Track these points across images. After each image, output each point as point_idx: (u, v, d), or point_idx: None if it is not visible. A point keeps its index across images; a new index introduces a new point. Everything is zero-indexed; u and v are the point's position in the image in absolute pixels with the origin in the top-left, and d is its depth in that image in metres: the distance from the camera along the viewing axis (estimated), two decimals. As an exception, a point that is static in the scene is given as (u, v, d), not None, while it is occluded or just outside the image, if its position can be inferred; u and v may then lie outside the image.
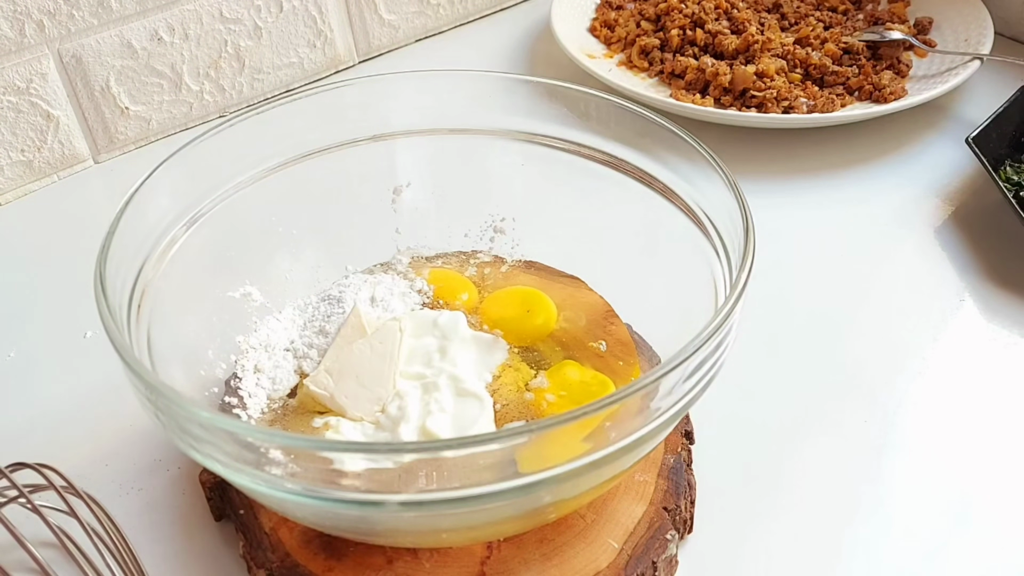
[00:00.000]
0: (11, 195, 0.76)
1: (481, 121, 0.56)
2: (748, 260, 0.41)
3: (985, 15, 0.84)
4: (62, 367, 0.60)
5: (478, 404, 0.48)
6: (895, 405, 0.56)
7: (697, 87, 0.79)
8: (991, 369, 0.58)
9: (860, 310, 0.63)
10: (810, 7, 0.88)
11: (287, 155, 0.54)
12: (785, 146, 0.77)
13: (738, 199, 0.44)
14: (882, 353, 0.59)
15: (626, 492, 0.47)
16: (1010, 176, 0.68)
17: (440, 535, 0.43)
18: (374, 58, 0.92)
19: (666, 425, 0.38)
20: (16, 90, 0.72)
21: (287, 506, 0.41)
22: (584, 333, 0.54)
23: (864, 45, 0.82)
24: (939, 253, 0.66)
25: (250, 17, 0.81)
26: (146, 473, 0.53)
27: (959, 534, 0.49)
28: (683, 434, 0.51)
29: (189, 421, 0.36)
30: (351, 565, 0.44)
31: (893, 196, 0.72)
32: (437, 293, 0.56)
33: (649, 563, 0.44)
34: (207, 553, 0.49)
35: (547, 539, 0.45)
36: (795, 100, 0.76)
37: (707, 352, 0.38)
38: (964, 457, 0.53)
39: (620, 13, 0.90)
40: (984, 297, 0.63)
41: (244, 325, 0.53)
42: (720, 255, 0.46)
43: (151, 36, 0.77)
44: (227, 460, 0.36)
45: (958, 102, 0.81)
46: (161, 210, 0.48)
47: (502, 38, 0.94)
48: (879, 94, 0.77)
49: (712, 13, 0.84)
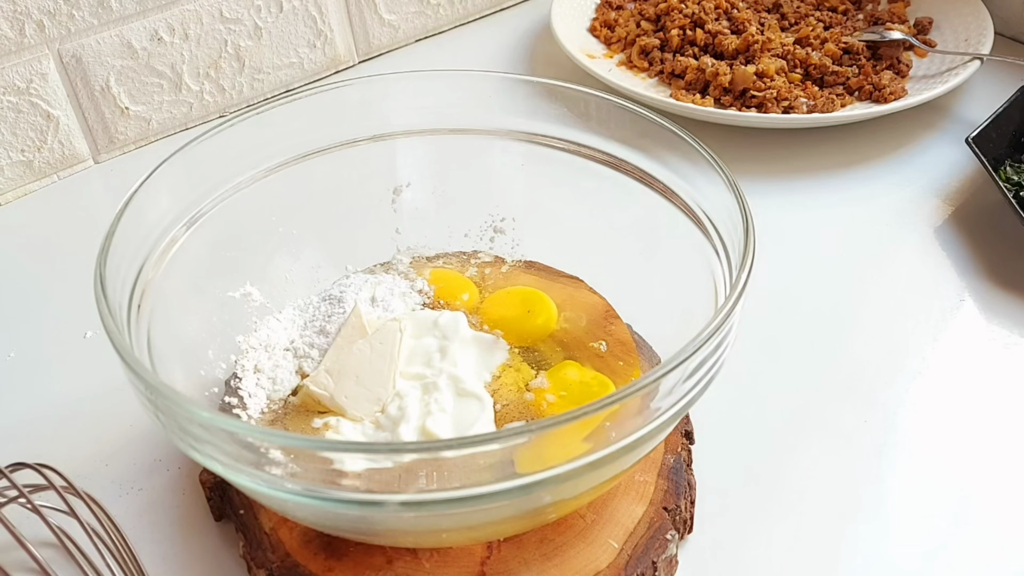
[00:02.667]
0: (11, 195, 0.76)
1: (481, 121, 0.56)
2: (748, 260, 0.41)
3: (985, 15, 0.84)
4: (62, 367, 0.60)
5: (478, 404, 0.48)
6: (895, 405, 0.56)
7: (697, 87, 0.79)
8: (991, 369, 0.58)
9: (860, 310, 0.63)
10: (810, 7, 0.88)
11: (287, 155, 0.55)
12: (785, 146, 0.77)
13: (738, 199, 0.44)
14: (882, 353, 0.59)
15: (626, 492, 0.47)
16: (1010, 176, 0.68)
17: (440, 535, 0.43)
18: (374, 58, 0.92)
19: (666, 425, 0.38)
20: (16, 90, 0.72)
21: (287, 506, 0.41)
22: (584, 333, 0.54)
23: (864, 45, 0.82)
24: (939, 253, 0.66)
25: (250, 17, 0.81)
26: (146, 473, 0.53)
27: (959, 534, 0.49)
28: (683, 434, 0.51)
29: (189, 421, 0.36)
30: (351, 565, 0.44)
31: (893, 196, 0.72)
32: (438, 293, 0.56)
33: (649, 563, 0.44)
34: (207, 553, 0.49)
35: (547, 539, 0.45)
36: (795, 100, 0.76)
37: (707, 352, 0.38)
38: (964, 457, 0.53)
39: (620, 13, 0.90)
40: (984, 297, 0.63)
41: (244, 325, 0.53)
42: (720, 255, 0.46)
43: (151, 36, 0.77)
44: (227, 460, 0.36)
45: (958, 102, 0.81)
46: (161, 210, 0.48)
47: (502, 38, 0.94)
48: (879, 94, 0.77)
49: (712, 13, 0.84)
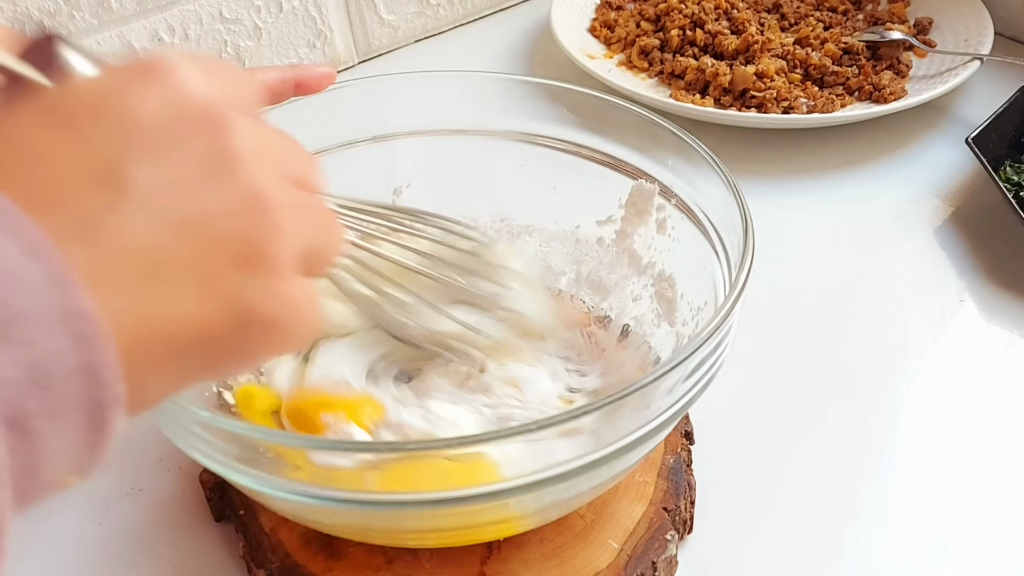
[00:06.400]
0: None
1: (481, 121, 0.56)
2: (748, 260, 0.41)
3: (985, 15, 0.84)
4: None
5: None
6: (895, 405, 0.56)
7: (697, 87, 0.79)
8: (991, 369, 0.58)
9: (860, 310, 0.62)
10: (810, 7, 0.88)
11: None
12: (785, 146, 0.77)
13: (738, 199, 0.44)
14: (882, 353, 0.59)
15: (626, 492, 0.47)
16: (1010, 176, 0.68)
17: (440, 535, 0.43)
18: (374, 58, 0.92)
19: (666, 425, 0.38)
20: (16, 90, 0.72)
21: (287, 506, 0.41)
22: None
23: (864, 45, 0.82)
24: (939, 253, 0.66)
25: (250, 17, 0.81)
26: (146, 473, 0.53)
27: (959, 534, 0.49)
28: (683, 434, 0.51)
29: (189, 421, 0.36)
30: (351, 565, 0.44)
31: (893, 196, 0.72)
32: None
33: (649, 563, 0.44)
34: (207, 553, 0.49)
35: (547, 539, 0.45)
36: (795, 100, 0.76)
37: (707, 352, 0.38)
38: (964, 457, 0.53)
39: (620, 13, 0.90)
40: (984, 297, 0.63)
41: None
42: (720, 255, 0.46)
43: (151, 36, 0.77)
44: (227, 460, 0.36)
45: (958, 102, 0.81)
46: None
47: (502, 38, 0.94)
48: (879, 94, 0.77)
49: (712, 13, 0.84)
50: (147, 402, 0.26)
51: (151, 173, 0.25)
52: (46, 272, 0.22)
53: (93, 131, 0.25)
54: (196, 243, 0.25)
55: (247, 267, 0.26)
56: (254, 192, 0.26)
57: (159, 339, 0.25)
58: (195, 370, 0.26)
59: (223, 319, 0.26)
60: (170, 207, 0.25)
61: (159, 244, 0.24)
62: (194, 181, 0.25)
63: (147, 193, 0.24)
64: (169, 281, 0.25)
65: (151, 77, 0.26)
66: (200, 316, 0.25)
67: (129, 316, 0.24)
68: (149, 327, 0.24)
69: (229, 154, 0.26)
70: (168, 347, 0.25)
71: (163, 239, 0.24)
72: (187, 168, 0.25)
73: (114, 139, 0.25)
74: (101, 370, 0.23)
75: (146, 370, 0.25)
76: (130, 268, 0.24)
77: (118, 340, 0.23)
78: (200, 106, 0.26)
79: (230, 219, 0.26)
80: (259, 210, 0.26)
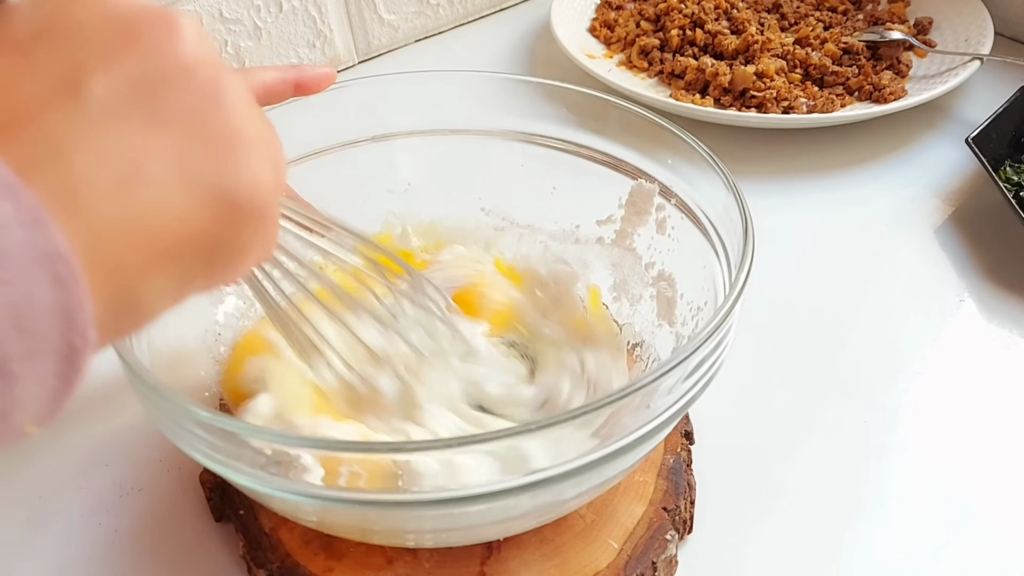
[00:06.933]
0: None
1: (481, 121, 0.56)
2: (747, 260, 0.41)
3: (985, 15, 0.84)
4: (62, 367, 0.60)
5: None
6: (895, 405, 0.56)
7: (697, 87, 0.79)
8: (991, 369, 0.58)
9: (860, 310, 0.62)
10: (810, 7, 0.88)
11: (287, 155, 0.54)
12: (785, 146, 0.77)
13: (737, 199, 0.44)
14: (882, 353, 0.59)
15: (626, 492, 0.47)
16: (1010, 176, 0.68)
17: (440, 535, 0.43)
18: (374, 58, 0.92)
19: (666, 425, 0.38)
20: (16, 90, 0.72)
21: (287, 506, 0.41)
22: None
23: (864, 45, 0.82)
24: (939, 253, 0.66)
25: (250, 17, 0.81)
26: (146, 473, 0.53)
27: (959, 534, 0.49)
28: (683, 434, 0.51)
29: (189, 421, 0.36)
30: (351, 565, 0.44)
31: (893, 196, 0.72)
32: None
33: (649, 563, 0.44)
34: (207, 553, 0.49)
35: (547, 539, 0.45)
36: (795, 100, 0.76)
37: (707, 352, 0.38)
38: (964, 457, 0.53)
39: (620, 13, 0.90)
40: (984, 297, 0.63)
41: (244, 324, 0.53)
42: (719, 255, 0.46)
43: (151, 36, 0.77)
44: (227, 460, 0.36)
45: (958, 102, 0.81)
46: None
47: (502, 38, 0.94)
48: (879, 94, 0.77)
49: (712, 13, 0.84)
50: (151, 310, 0.26)
51: (108, 80, 0.25)
52: (18, 211, 0.21)
53: (42, 52, 0.25)
54: (165, 139, 0.25)
55: (220, 153, 0.26)
56: (211, 78, 0.27)
57: (149, 241, 0.24)
58: (193, 271, 0.26)
59: (209, 209, 0.26)
60: (132, 109, 0.25)
61: (130, 147, 0.24)
62: (152, 79, 0.25)
63: (108, 100, 0.24)
64: (147, 182, 0.24)
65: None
66: (185, 209, 0.25)
67: (114, 224, 0.24)
68: (136, 231, 0.24)
69: (181, 47, 0.26)
70: (159, 248, 0.25)
71: (132, 141, 0.25)
72: (142, 68, 0.25)
73: (64, 55, 0.25)
74: (75, 313, 0.22)
75: (141, 276, 0.25)
76: (106, 176, 0.24)
77: (106, 250, 0.23)
78: (140, 8, 0.26)
79: (192, 109, 0.26)
80: (218, 93, 0.27)
